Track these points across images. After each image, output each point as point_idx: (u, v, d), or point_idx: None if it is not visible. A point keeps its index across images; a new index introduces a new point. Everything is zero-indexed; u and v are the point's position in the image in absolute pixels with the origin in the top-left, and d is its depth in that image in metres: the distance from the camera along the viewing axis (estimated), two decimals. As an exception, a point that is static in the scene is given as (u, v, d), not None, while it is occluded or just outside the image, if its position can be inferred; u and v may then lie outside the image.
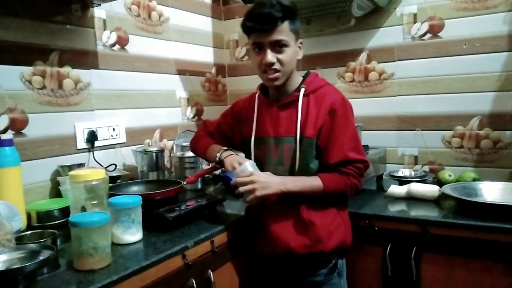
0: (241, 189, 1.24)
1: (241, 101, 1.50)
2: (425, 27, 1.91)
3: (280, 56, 1.26)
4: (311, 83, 1.33)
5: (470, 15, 1.81)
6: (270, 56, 1.25)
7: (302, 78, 1.36)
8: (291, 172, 1.30)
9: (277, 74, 1.28)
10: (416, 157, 1.98)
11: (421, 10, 1.91)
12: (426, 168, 1.95)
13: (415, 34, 1.93)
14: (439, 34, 1.88)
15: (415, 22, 1.93)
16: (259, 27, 1.24)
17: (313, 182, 1.26)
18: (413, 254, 1.38)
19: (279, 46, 1.25)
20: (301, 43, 1.32)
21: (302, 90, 1.31)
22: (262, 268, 1.39)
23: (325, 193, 1.25)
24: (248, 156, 1.39)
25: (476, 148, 1.85)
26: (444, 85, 1.89)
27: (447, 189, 1.51)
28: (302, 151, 1.28)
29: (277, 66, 1.26)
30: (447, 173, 1.73)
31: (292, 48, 1.28)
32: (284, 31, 1.24)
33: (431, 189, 1.55)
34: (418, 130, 1.96)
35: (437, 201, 1.53)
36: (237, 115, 1.48)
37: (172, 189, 1.44)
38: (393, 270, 1.42)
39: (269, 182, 1.24)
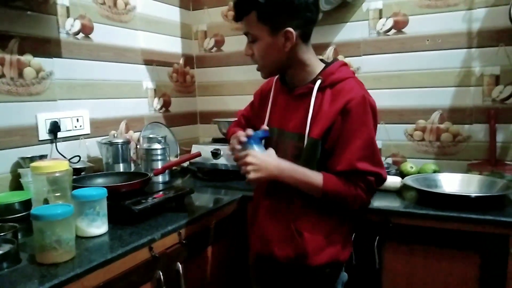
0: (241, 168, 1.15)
1: (267, 82, 1.38)
2: (390, 23, 1.96)
3: (254, 49, 1.18)
4: (330, 74, 1.16)
5: (433, 12, 1.87)
6: (246, 48, 1.20)
7: (323, 66, 1.20)
8: None
9: (258, 67, 1.22)
10: (380, 149, 2.03)
11: (386, 6, 1.96)
12: (389, 160, 2.01)
13: (381, 29, 1.98)
14: (403, 30, 1.94)
15: (380, 18, 1.98)
16: (234, 18, 1.21)
17: (313, 178, 1.13)
18: (376, 243, 1.42)
19: (249, 38, 1.19)
20: (286, 33, 1.12)
21: (318, 82, 1.16)
22: (255, 264, 1.36)
23: (324, 194, 1.12)
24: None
25: (436, 141, 1.92)
26: (407, 80, 1.94)
27: (408, 180, 1.56)
28: (305, 152, 1.15)
29: (254, 58, 1.20)
30: (409, 165, 1.79)
31: (265, 41, 1.15)
32: (250, 23, 1.15)
33: (393, 181, 1.59)
34: (382, 124, 2.01)
35: (399, 192, 1.58)
36: (261, 97, 1.37)
37: (138, 181, 1.42)
38: (357, 259, 1.45)
39: (265, 164, 1.13)
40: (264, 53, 1.17)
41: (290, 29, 1.12)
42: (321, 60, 1.25)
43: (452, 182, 1.59)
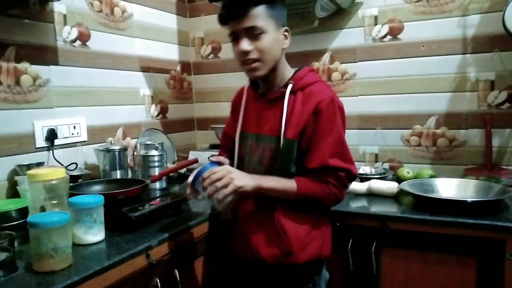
0: (217, 184, 1.09)
1: (237, 93, 1.43)
2: (385, 29, 1.97)
3: (257, 44, 1.16)
4: (300, 79, 1.22)
5: (428, 18, 1.89)
6: (245, 44, 1.16)
7: (293, 72, 1.25)
8: (270, 174, 1.22)
9: (256, 64, 1.18)
10: (376, 155, 2.04)
11: (382, 13, 1.97)
12: (386, 165, 2.01)
13: (376, 35, 1.99)
14: (398, 36, 1.95)
15: (376, 24, 1.99)
16: (231, 14, 1.16)
17: (287, 183, 1.18)
18: (373, 249, 1.42)
19: (255, 33, 1.15)
20: (286, 31, 1.21)
21: (290, 86, 1.21)
22: (238, 269, 1.37)
23: (300, 197, 1.17)
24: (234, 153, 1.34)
25: (433, 146, 1.93)
26: (403, 86, 1.96)
27: (405, 185, 1.57)
28: (282, 153, 1.19)
29: (254, 55, 1.17)
30: (405, 170, 1.79)
31: (272, 35, 1.16)
32: (258, 16, 1.14)
33: (390, 186, 1.60)
34: (378, 129, 2.02)
35: (396, 197, 1.59)
36: (234, 108, 1.42)
37: (135, 188, 1.42)
38: (355, 264, 1.46)
39: (243, 175, 1.14)
40: (271, 47, 1.18)
41: (287, 28, 1.22)
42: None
43: (449, 187, 1.60)
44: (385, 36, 1.98)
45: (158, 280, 1.16)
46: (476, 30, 1.80)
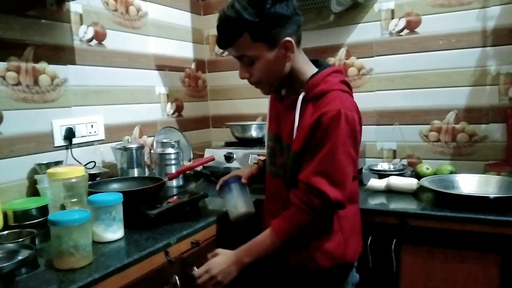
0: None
1: None
2: (402, 23, 1.94)
3: (253, 71, 1.13)
4: (314, 87, 1.12)
5: (446, 11, 1.85)
6: (242, 72, 1.15)
7: (312, 74, 1.15)
8: (284, 180, 1.19)
9: (259, 86, 1.18)
10: (394, 151, 2.01)
11: (399, 6, 1.94)
12: (405, 161, 1.98)
13: (393, 30, 1.96)
14: (416, 30, 1.92)
15: (392, 18, 1.96)
16: (219, 44, 1.14)
17: (267, 243, 1.13)
18: (393, 246, 1.40)
19: (247, 61, 1.12)
20: (286, 44, 1.09)
21: (301, 95, 1.13)
22: (260, 269, 1.34)
23: (284, 242, 1.12)
24: None
25: (452, 141, 1.89)
26: (421, 80, 1.92)
27: (425, 182, 1.54)
28: (289, 163, 1.16)
29: (254, 79, 1.15)
30: (424, 166, 1.76)
31: (265, 59, 1.10)
32: (244, 45, 1.09)
33: (409, 182, 1.58)
34: (396, 125, 1.99)
35: (415, 194, 1.56)
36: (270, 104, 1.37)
37: (153, 185, 1.42)
38: (374, 262, 1.44)
39: (227, 267, 1.13)
40: (267, 71, 1.12)
41: (288, 38, 1.08)
42: (314, 61, 1.21)
43: (470, 183, 1.56)
44: (402, 30, 1.94)
45: (177, 278, 1.16)
46: (497, 22, 1.76)
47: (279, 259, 1.22)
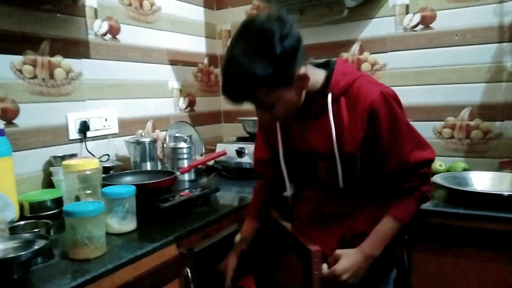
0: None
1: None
2: (417, 18, 1.92)
3: (273, 113, 1.06)
4: (337, 83, 1.08)
5: (462, 6, 1.82)
6: (262, 117, 1.14)
7: (325, 76, 1.11)
8: (334, 188, 1.14)
9: (281, 121, 1.17)
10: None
11: (413, 1, 1.92)
12: (417, 158, 1.96)
13: (407, 25, 1.94)
14: (431, 25, 1.89)
15: (407, 13, 1.94)
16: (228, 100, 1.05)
17: (394, 230, 1.10)
18: (405, 243, 1.39)
19: (264, 108, 1.06)
20: (301, 77, 1.02)
21: (329, 97, 1.08)
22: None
23: (407, 223, 1.12)
24: (279, 170, 1.25)
25: (466, 138, 1.87)
26: (435, 76, 1.90)
27: (438, 178, 1.53)
28: (344, 168, 1.10)
29: (274, 118, 1.12)
30: (438, 163, 1.75)
31: (285, 99, 1.03)
32: (261, 97, 1.01)
33: (422, 179, 1.56)
34: (410, 121, 1.96)
35: (428, 191, 1.55)
36: (266, 131, 1.31)
37: (166, 179, 1.44)
38: (385, 258, 1.43)
39: (357, 269, 1.08)
40: (288, 108, 1.06)
41: (302, 70, 1.02)
42: (318, 65, 1.15)
43: (483, 181, 1.55)
44: (416, 25, 1.92)
45: (188, 270, 1.17)
46: (514, 18, 1.73)
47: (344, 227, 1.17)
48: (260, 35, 0.97)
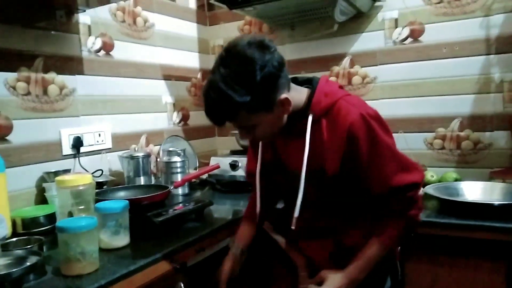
0: None
1: None
2: (406, 32, 1.96)
3: (254, 135, 1.09)
4: (318, 104, 1.09)
5: (449, 20, 1.86)
6: (243, 136, 1.15)
7: (307, 95, 1.12)
8: (320, 207, 1.17)
9: (264, 141, 1.20)
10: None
11: (402, 15, 1.96)
12: (410, 169, 1.98)
13: (397, 38, 1.98)
14: (419, 38, 1.93)
15: (396, 27, 1.98)
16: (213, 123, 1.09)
17: (379, 255, 1.10)
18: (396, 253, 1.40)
19: (246, 129, 1.09)
20: (282, 103, 1.03)
21: (310, 118, 1.09)
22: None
23: (389, 249, 1.13)
24: (269, 183, 1.28)
25: (457, 149, 1.89)
26: (425, 88, 1.93)
27: (430, 189, 1.54)
28: (324, 188, 1.12)
29: (256, 139, 1.17)
30: (429, 174, 1.76)
31: (266, 121, 1.05)
32: (242, 120, 1.04)
33: (414, 190, 1.58)
34: (400, 133, 2.00)
35: (420, 201, 1.56)
36: (253, 145, 1.33)
37: (159, 193, 1.44)
38: (379, 269, 1.44)
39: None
40: (269, 129, 1.09)
41: (283, 95, 1.03)
42: (302, 81, 1.17)
43: (475, 191, 1.56)
44: (405, 38, 1.96)
45: (182, 285, 1.17)
46: (500, 30, 1.77)
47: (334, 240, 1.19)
48: (240, 62, 0.99)
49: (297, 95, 1.10)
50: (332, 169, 1.08)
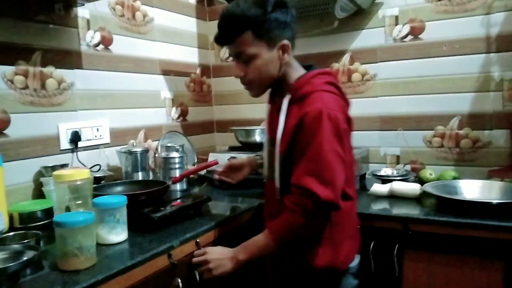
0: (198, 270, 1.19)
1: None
2: (406, 29, 1.95)
3: (249, 69, 1.17)
4: (298, 89, 1.15)
5: (450, 17, 1.86)
6: (238, 69, 1.19)
7: (300, 76, 1.19)
8: (283, 187, 1.18)
9: (248, 87, 1.23)
10: (398, 156, 2.01)
11: (403, 13, 1.95)
12: (408, 167, 1.98)
13: (397, 36, 1.97)
14: (420, 36, 1.92)
15: (396, 24, 1.97)
16: (220, 40, 1.19)
17: (261, 242, 1.13)
18: (395, 251, 1.40)
19: (245, 59, 1.16)
20: (283, 47, 1.15)
21: (287, 98, 1.16)
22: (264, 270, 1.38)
23: (279, 245, 1.12)
24: None
25: (456, 147, 1.89)
26: (425, 86, 1.93)
27: (428, 187, 1.54)
28: (278, 164, 1.18)
29: (246, 79, 1.19)
30: (428, 172, 1.76)
31: (264, 58, 1.14)
32: (245, 43, 1.13)
33: (412, 188, 1.58)
34: (400, 130, 2.00)
35: (418, 199, 1.56)
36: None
37: (157, 189, 1.44)
38: (376, 267, 1.44)
39: (222, 259, 1.16)
40: (262, 70, 1.16)
41: (286, 41, 1.14)
42: (308, 66, 1.23)
43: (473, 189, 1.56)
44: (406, 36, 1.95)
45: (179, 280, 1.17)
46: (501, 28, 1.76)
47: (279, 262, 1.24)
48: None
49: (295, 67, 1.21)
50: (281, 148, 1.15)
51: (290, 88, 1.17)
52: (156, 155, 1.92)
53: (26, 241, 1.06)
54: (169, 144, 1.88)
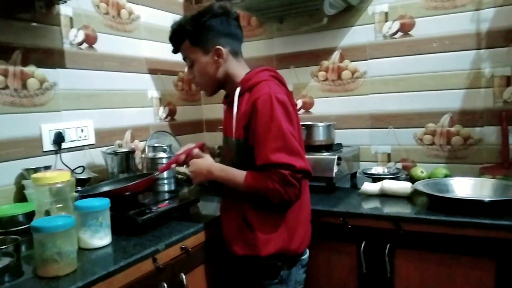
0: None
1: None
2: (396, 25, 1.93)
3: (193, 72, 1.35)
4: (247, 81, 1.27)
5: (440, 13, 1.84)
6: (187, 73, 1.36)
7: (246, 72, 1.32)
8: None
9: (200, 88, 1.40)
10: (389, 154, 2.00)
11: (392, 9, 1.93)
12: (399, 165, 1.96)
13: (387, 32, 1.95)
14: (410, 32, 1.91)
15: (386, 21, 1.95)
16: (172, 50, 1.39)
17: (237, 175, 1.23)
18: (386, 251, 1.38)
19: (188, 63, 1.35)
20: (217, 52, 1.27)
21: (238, 89, 1.27)
22: (229, 268, 1.37)
23: (246, 189, 1.20)
24: None
25: (447, 144, 1.88)
26: (415, 83, 1.91)
27: (419, 185, 1.52)
28: (235, 153, 1.26)
29: (195, 80, 1.37)
30: (419, 170, 1.75)
31: (201, 62, 1.31)
32: (186, 50, 1.33)
33: (403, 186, 1.56)
34: (390, 128, 1.98)
35: (409, 198, 1.54)
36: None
37: (142, 180, 1.36)
38: (368, 267, 1.42)
39: (199, 169, 1.30)
40: (202, 72, 1.32)
41: (219, 46, 1.28)
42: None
43: (464, 187, 1.55)
44: (396, 32, 1.93)
45: (165, 285, 1.14)
46: (491, 25, 1.75)
47: (227, 245, 1.29)
48: (203, 9, 1.30)
49: (239, 68, 1.32)
50: (236, 134, 1.24)
51: (240, 83, 1.28)
52: (143, 155, 1.88)
53: (3, 247, 1.01)
54: (156, 144, 1.84)
